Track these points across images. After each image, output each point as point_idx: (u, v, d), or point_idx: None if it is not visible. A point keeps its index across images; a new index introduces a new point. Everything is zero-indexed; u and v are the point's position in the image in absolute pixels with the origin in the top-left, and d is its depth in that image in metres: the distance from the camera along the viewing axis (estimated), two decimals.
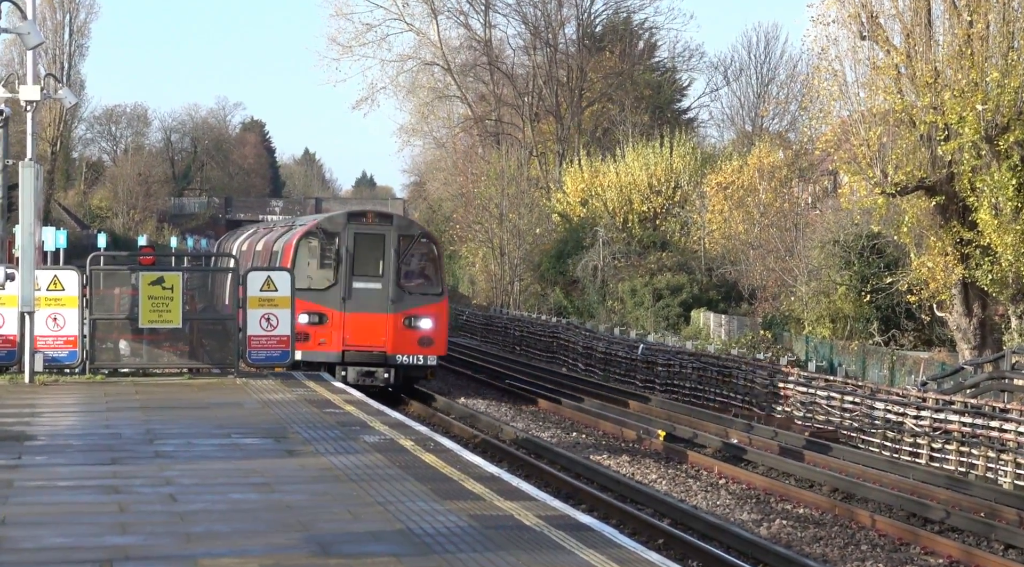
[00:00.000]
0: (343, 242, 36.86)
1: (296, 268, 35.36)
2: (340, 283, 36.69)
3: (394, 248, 36.92)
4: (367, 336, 36.53)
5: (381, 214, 38.87)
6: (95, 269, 28.89)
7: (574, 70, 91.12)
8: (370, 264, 36.96)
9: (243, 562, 12.54)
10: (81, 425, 22.11)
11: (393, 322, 36.62)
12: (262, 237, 47.16)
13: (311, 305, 36.19)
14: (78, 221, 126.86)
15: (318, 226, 37.60)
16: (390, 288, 36.74)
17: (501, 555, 12.86)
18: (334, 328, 36.45)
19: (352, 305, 36.58)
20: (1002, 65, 37.52)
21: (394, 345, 36.60)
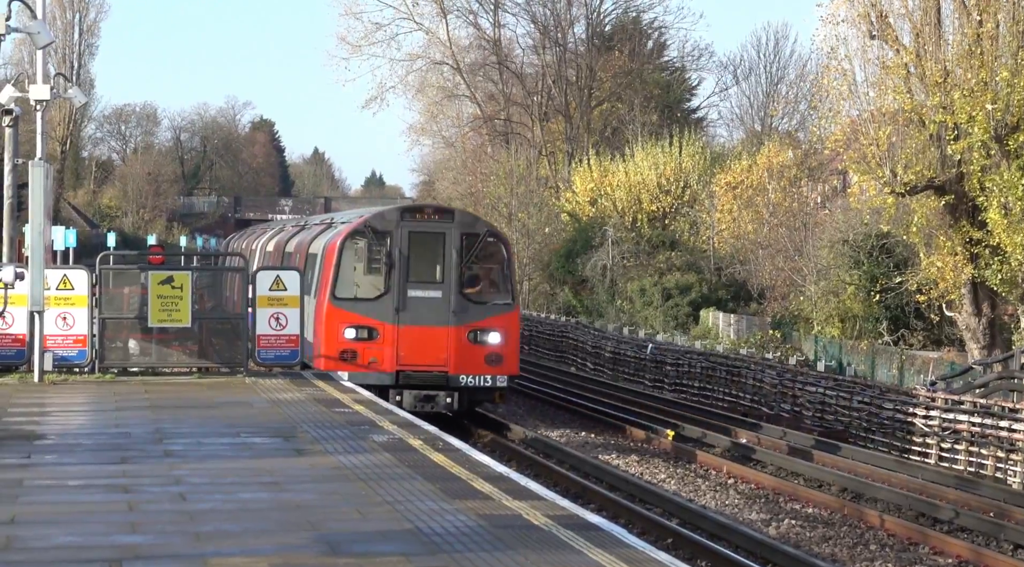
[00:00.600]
0: (396, 242, 31.64)
1: (340, 274, 31.72)
2: (393, 291, 31.52)
3: (456, 249, 31.70)
4: (425, 354, 31.43)
5: (440, 209, 33.99)
6: (104, 268, 28.91)
7: (583, 69, 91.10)
8: (428, 268, 32.02)
9: (253, 561, 12.55)
10: (90, 424, 22.13)
11: (455, 337, 31.48)
12: (292, 236, 41.92)
13: (358, 318, 31.43)
14: (87, 220, 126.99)
15: (366, 224, 31.99)
16: (452, 297, 31.59)
17: (510, 554, 12.86)
18: (386, 344, 31.34)
19: (407, 317, 31.43)
20: (1012, 64, 37.50)
21: (457, 364, 31.50)
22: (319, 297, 32.17)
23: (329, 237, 33.74)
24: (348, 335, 31.24)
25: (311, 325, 32.12)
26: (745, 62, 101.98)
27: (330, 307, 31.55)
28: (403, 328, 31.36)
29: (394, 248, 31.60)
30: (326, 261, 32.46)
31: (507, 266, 32.56)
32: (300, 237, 39.63)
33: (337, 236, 32.68)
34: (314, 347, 31.97)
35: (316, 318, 32.00)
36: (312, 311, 32.21)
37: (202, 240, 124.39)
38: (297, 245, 38.66)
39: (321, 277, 32.45)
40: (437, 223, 31.98)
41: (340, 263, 31.83)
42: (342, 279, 31.71)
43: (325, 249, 32.90)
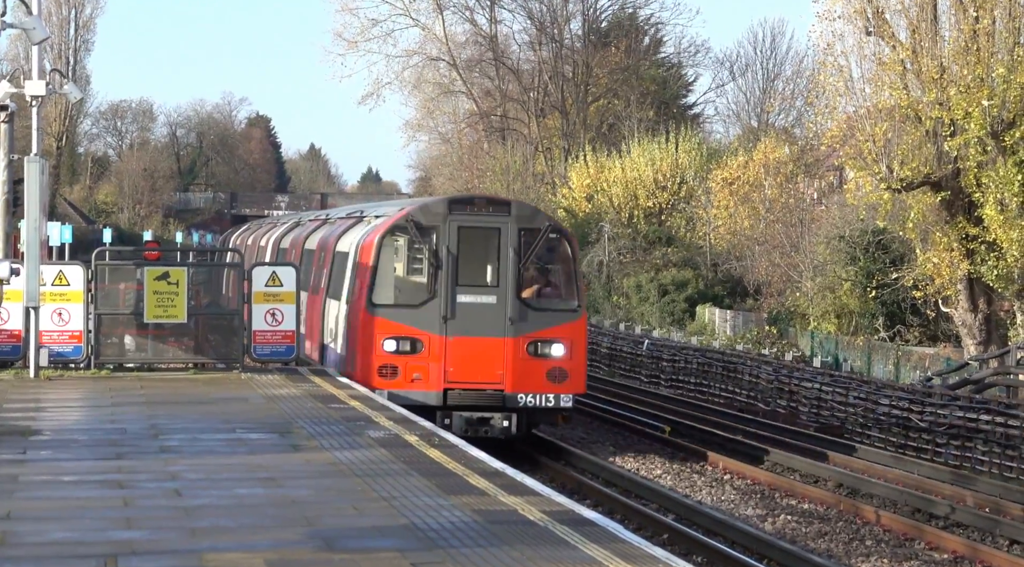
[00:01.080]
0: (443, 239, 27.68)
1: (378, 276, 27.95)
2: (440, 296, 27.54)
3: (513, 247, 27.66)
4: (478, 369, 27.49)
5: (494, 200, 30.24)
6: (100, 264, 28.88)
7: (580, 65, 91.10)
8: (481, 269, 28.18)
9: (248, 557, 12.55)
10: (86, 420, 22.12)
11: (513, 349, 27.50)
12: (312, 232, 38.21)
13: (400, 327, 27.54)
14: (83, 216, 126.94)
15: (409, 218, 27.96)
16: (508, 302, 27.57)
17: (505, 550, 12.86)
18: (432, 358, 27.43)
19: (457, 326, 27.51)
20: (1008, 61, 37.51)
21: (515, 381, 27.47)
22: (353, 303, 28.65)
23: (363, 233, 29.74)
24: (388, 347, 27.38)
25: (342, 334, 29.40)
26: (741, 58, 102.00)
27: (367, 315, 27.71)
28: (452, 339, 27.41)
29: (441, 246, 27.65)
30: (361, 261, 28.66)
31: (572, 266, 28.52)
32: (323, 233, 35.89)
33: (374, 232, 28.72)
34: (347, 360, 28.92)
35: (350, 327, 28.68)
36: (343, 318, 29.33)
37: (198, 236, 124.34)
38: (321, 242, 34.89)
39: (355, 280, 28.80)
40: (491, 216, 27.98)
41: (378, 264, 27.95)
42: (381, 282, 27.97)
43: (359, 247, 29.05)
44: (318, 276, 33.50)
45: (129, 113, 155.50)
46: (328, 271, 31.84)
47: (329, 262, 32.13)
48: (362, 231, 30.23)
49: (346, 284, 29.51)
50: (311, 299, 33.21)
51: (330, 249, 32.56)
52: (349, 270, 29.56)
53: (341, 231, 32.73)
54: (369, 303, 27.66)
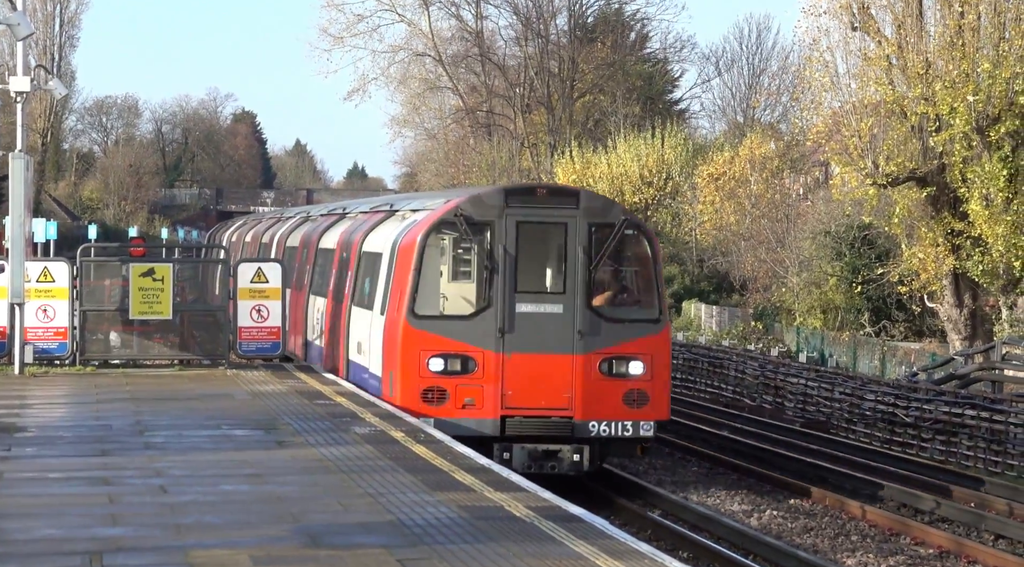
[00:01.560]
0: (499, 237, 23.56)
1: (422, 281, 23.73)
2: (495, 306, 23.43)
3: (582, 246, 23.56)
4: (541, 392, 23.45)
5: (560, 190, 25.86)
6: (85, 260, 28.83)
7: (565, 61, 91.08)
8: (544, 273, 24.60)
9: (234, 553, 12.53)
10: (71, 417, 22.08)
11: (583, 368, 23.41)
12: (326, 229, 33.20)
13: (448, 343, 23.49)
14: (68, 212, 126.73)
15: (458, 212, 23.67)
16: (577, 312, 23.47)
17: (491, 546, 12.86)
18: (487, 380, 23.38)
19: (516, 341, 23.43)
20: (993, 56, 37.57)
21: (586, 406, 23.42)
22: (390, 313, 24.34)
23: (399, 231, 25.46)
24: (434, 367, 23.35)
25: (377, 350, 25.00)
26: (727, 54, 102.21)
27: (408, 328, 23.57)
28: (511, 357, 23.38)
29: (497, 245, 23.52)
30: (399, 264, 24.39)
31: (652, 268, 24.32)
32: (341, 230, 31.39)
33: (414, 229, 24.44)
34: (383, 381, 24.54)
35: (386, 342, 24.39)
36: (377, 331, 25.01)
37: (183, 232, 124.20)
38: (342, 240, 30.20)
39: (392, 286, 24.54)
40: (555, 209, 23.82)
41: (422, 267, 23.74)
42: (425, 289, 23.81)
43: (397, 247, 24.77)
44: (340, 279, 29.16)
45: (114, 109, 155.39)
46: (353, 274, 27.69)
47: (354, 264, 27.89)
48: (397, 228, 25.90)
49: (379, 291, 25.34)
50: (331, 306, 29.46)
51: (354, 249, 28.27)
52: (383, 274, 25.30)
53: (368, 228, 28.35)
54: (411, 314, 23.50)
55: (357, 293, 27.26)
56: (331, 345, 28.92)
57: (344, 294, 28.20)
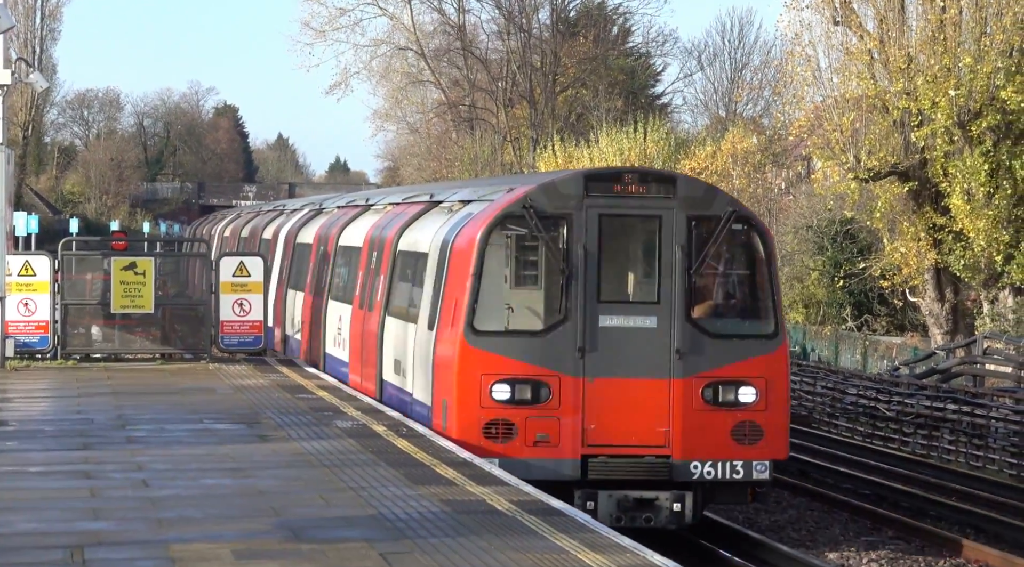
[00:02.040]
0: (578, 234, 19.53)
1: (483, 289, 19.64)
2: (574, 319, 19.40)
3: (681, 244, 19.58)
4: (632, 425, 19.44)
5: (651, 175, 20.84)
6: (67, 254, 28.79)
7: (548, 55, 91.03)
8: (632, 278, 20.53)
9: (215, 547, 12.52)
10: (53, 411, 22.05)
11: (683, 395, 19.44)
12: (347, 224, 28.73)
13: (515, 365, 19.45)
14: (50, 206, 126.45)
15: (528, 203, 19.58)
16: (675, 326, 19.47)
17: (473, 540, 12.86)
18: (565, 411, 19.33)
19: (600, 363, 19.42)
20: (975, 51, 37.62)
21: (687, 442, 19.45)
22: (443, 328, 20.25)
23: (450, 227, 21.22)
24: (499, 395, 19.39)
25: (422, 371, 21.03)
26: (709, 48, 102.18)
27: (467, 347, 19.53)
28: (593, 382, 19.38)
29: (575, 244, 19.52)
30: (454, 267, 20.26)
31: (766, 270, 20.12)
32: (366, 223, 27.28)
33: (473, 224, 20.27)
34: (434, 411, 20.41)
35: (438, 363, 20.31)
36: (424, 349, 20.89)
37: (165, 226, 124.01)
38: (370, 237, 25.99)
39: (445, 294, 20.38)
40: (647, 199, 19.75)
41: (483, 271, 19.66)
42: (487, 298, 19.70)
43: (450, 247, 20.54)
44: (369, 284, 25.11)
45: (96, 102, 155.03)
46: (387, 279, 23.77)
47: (387, 266, 23.90)
48: (445, 223, 21.69)
49: (426, 299, 21.23)
50: (359, 316, 25.40)
51: (387, 248, 24.17)
52: (430, 279, 21.19)
53: (403, 223, 24.16)
54: (470, 329, 19.44)
55: (394, 302, 23.29)
56: (360, 361, 25.06)
57: (375, 302, 24.09)
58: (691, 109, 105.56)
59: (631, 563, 12.11)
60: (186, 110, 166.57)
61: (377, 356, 23.59)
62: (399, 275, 23.43)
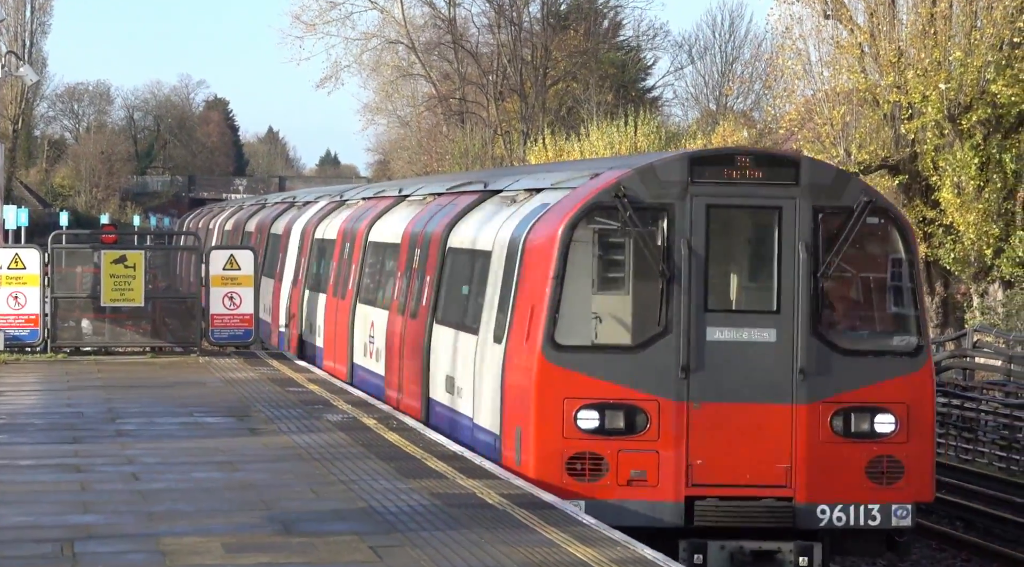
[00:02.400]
0: (681, 228, 16.40)
1: (566, 295, 16.39)
2: (676, 331, 16.30)
3: (806, 242, 16.42)
4: (745, 461, 16.29)
5: (769, 158, 17.11)
6: (57, 247, 28.74)
7: (539, 49, 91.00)
8: (746, 282, 17.06)
9: (206, 540, 12.50)
10: (42, 404, 22.02)
11: (807, 425, 16.27)
12: (377, 218, 25.71)
13: (604, 386, 16.31)
14: (40, 199, 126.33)
15: (620, 191, 16.39)
16: (799, 340, 16.35)
17: (464, 533, 12.86)
18: (665, 443, 16.26)
19: (707, 385, 16.29)
20: (965, 44, 37.66)
21: (813, 481, 16.27)
22: (514, 341, 17.08)
23: (521, 219, 17.97)
24: (585, 423, 16.25)
25: (487, 392, 17.84)
26: (700, 41, 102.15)
27: (547, 366, 16.38)
28: (700, 408, 16.25)
29: (678, 240, 16.35)
30: (528, 268, 17.06)
31: (908, 273, 17.04)
32: (402, 217, 24.24)
33: (551, 217, 17.06)
34: (504, 440, 17.19)
35: (509, 383, 17.09)
36: (491, 366, 17.73)
37: (156, 219, 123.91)
38: (413, 234, 22.64)
39: (516, 300, 17.21)
40: (764, 187, 16.54)
41: (564, 274, 16.43)
42: (569, 307, 16.45)
43: (523, 243, 17.34)
44: (411, 286, 22.15)
45: (86, 96, 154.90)
46: (434, 280, 20.77)
47: (434, 265, 20.91)
48: (512, 215, 18.54)
49: (490, 306, 18.16)
50: (399, 324, 22.49)
51: (433, 245, 21.17)
52: (495, 282, 18.12)
53: (451, 216, 21.04)
54: (550, 343, 16.30)
55: (444, 308, 20.37)
56: (399, 375, 22.10)
57: (420, 308, 21.20)
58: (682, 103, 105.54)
59: (622, 556, 12.12)
60: (176, 103, 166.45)
61: (423, 371, 20.52)
62: (451, 277, 20.34)
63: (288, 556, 12.01)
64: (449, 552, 12.14)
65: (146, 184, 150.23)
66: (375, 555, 12.05)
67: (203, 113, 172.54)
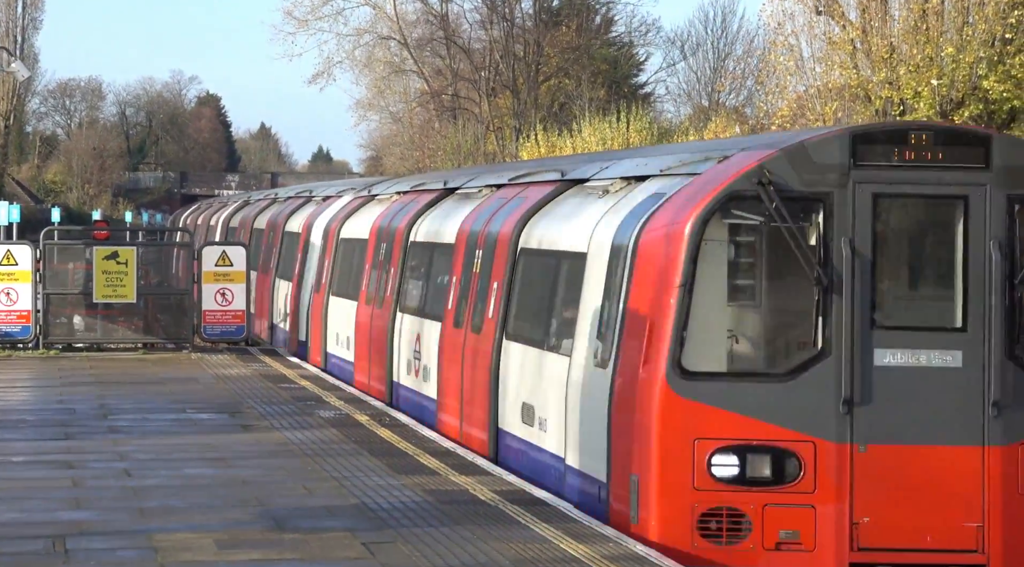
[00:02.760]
0: (842, 223, 13.30)
1: (695, 308, 13.35)
2: (837, 353, 13.16)
3: (999, 240, 13.29)
4: (923, 518, 13.12)
5: (950, 135, 13.79)
6: (49, 244, 28.74)
7: (531, 45, 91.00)
8: (922, 291, 13.92)
9: (198, 537, 12.50)
10: (35, 400, 22.01)
11: (1002, 473, 13.15)
12: (425, 213, 22.69)
13: (744, 423, 13.23)
14: (32, 196, 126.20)
15: (764, 176, 13.27)
16: (991, 366, 13.21)
17: (456, 529, 12.85)
18: (824, 495, 13.12)
19: (874, 421, 13.18)
20: (957, 40, 37.67)
21: (1009, 545, 13.11)
22: (625, 367, 13.95)
23: (633, 214, 14.75)
24: (722, 471, 13.15)
25: (589, 426, 14.59)
26: (692, 37, 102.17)
27: (671, 397, 13.34)
28: (867, 452, 13.15)
29: (838, 238, 13.25)
30: (644, 274, 13.97)
31: None
32: (455, 212, 21.26)
33: (676, 210, 13.79)
34: (612, 490, 14.15)
35: (618, 418, 13.93)
36: (592, 395, 14.63)
37: (148, 215, 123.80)
38: (472, 232, 19.77)
39: (628, 314, 14.11)
40: (945, 172, 13.40)
41: (693, 282, 13.29)
42: (699, 323, 13.33)
43: (636, 243, 14.20)
44: (465, 294, 19.37)
45: (78, 92, 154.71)
46: (502, 288, 17.84)
47: (502, 270, 17.80)
48: (611, 209, 15.46)
49: (588, 322, 15.07)
50: (451, 336, 19.57)
51: (501, 247, 18.19)
52: (595, 292, 14.98)
53: (522, 212, 18.05)
54: (675, 370, 13.23)
55: (518, 321, 17.52)
56: (458, 398, 19.32)
57: (485, 320, 18.26)
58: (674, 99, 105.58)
59: (614, 553, 12.11)
60: (168, 99, 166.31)
61: (489, 396, 17.70)
62: (525, 284, 17.53)
63: (280, 552, 12.00)
64: (441, 548, 12.14)
65: (138, 180, 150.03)
66: (367, 551, 12.05)
67: (195, 109, 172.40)
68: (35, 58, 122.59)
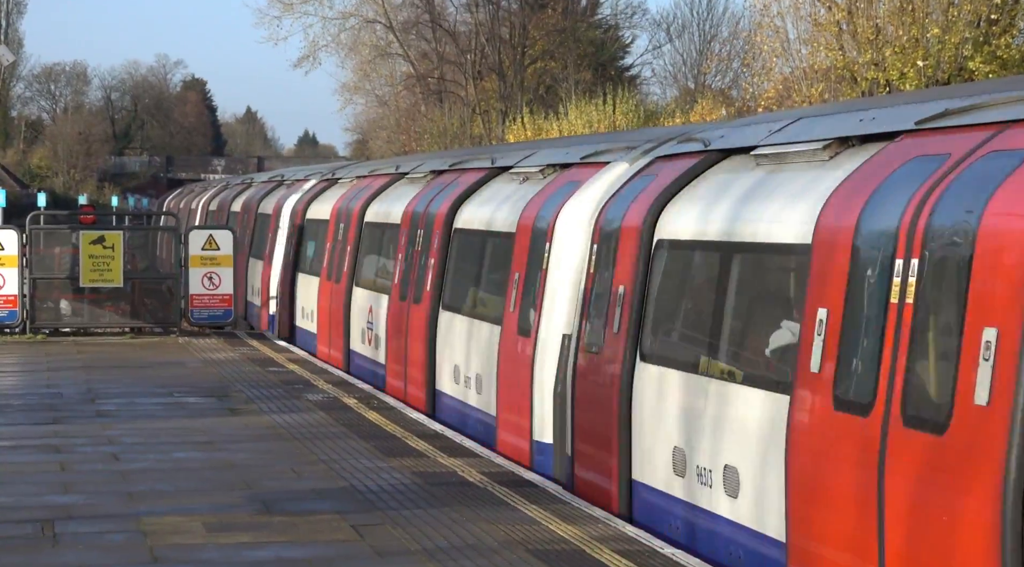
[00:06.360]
0: None
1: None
2: None
3: None
4: None
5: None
6: (35, 228, 28.69)
7: (517, 28, 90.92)
8: None
9: (187, 520, 12.50)
10: (22, 385, 21.98)
11: None
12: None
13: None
14: (17, 181, 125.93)
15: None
16: None
17: (445, 511, 12.86)
18: None
19: None
20: (942, 21, 37.70)
21: None
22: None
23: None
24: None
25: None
26: (678, 19, 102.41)
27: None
28: None
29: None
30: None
31: None
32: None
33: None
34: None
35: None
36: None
37: (134, 200, 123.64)
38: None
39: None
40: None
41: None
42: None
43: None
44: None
45: (63, 76, 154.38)
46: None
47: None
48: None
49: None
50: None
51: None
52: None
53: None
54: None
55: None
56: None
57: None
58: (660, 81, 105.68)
59: (603, 534, 12.12)
60: (154, 84, 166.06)
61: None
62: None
63: (269, 535, 12.01)
64: (430, 530, 12.15)
65: (124, 165, 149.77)
66: (356, 534, 12.06)
67: (181, 93, 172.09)
68: (20, 43, 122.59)
